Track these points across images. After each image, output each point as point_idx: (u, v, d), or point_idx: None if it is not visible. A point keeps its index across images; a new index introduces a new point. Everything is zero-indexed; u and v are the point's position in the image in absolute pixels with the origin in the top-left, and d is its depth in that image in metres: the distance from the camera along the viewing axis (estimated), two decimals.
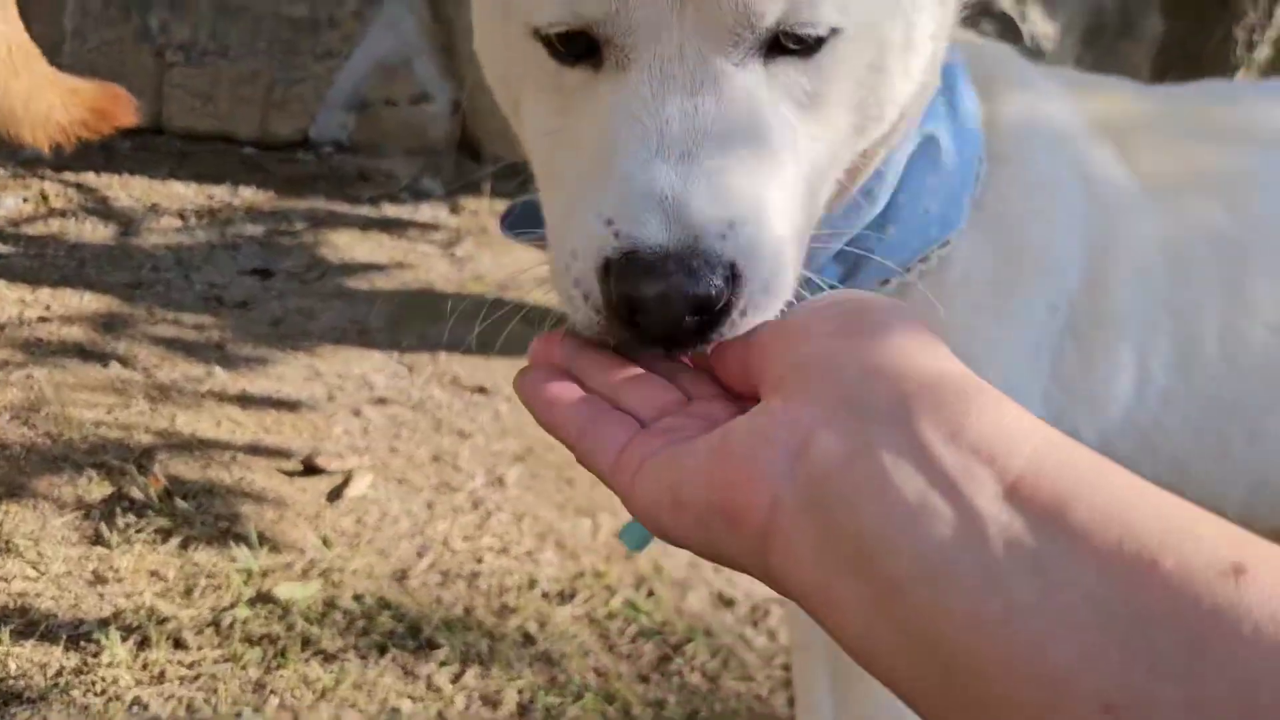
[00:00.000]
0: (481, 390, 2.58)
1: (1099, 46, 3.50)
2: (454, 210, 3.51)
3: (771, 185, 0.68)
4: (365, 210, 3.47)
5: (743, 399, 0.57)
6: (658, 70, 0.67)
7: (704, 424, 0.54)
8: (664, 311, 0.62)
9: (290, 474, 2.20)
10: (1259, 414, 1.09)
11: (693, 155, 0.65)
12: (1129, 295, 1.02)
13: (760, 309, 0.65)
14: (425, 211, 3.50)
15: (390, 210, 3.48)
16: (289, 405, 2.45)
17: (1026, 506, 0.41)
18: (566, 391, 0.61)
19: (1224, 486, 1.11)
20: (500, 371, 2.66)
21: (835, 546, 0.44)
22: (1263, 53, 2.55)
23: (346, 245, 3.24)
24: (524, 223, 0.93)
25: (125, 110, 1.86)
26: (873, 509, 0.43)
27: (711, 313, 0.63)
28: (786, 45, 0.69)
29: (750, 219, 0.65)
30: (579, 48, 0.70)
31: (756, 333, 0.57)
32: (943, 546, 0.41)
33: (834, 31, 0.70)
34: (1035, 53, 3.44)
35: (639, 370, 0.62)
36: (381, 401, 2.50)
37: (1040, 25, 3.44)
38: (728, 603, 1.97)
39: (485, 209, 3.51)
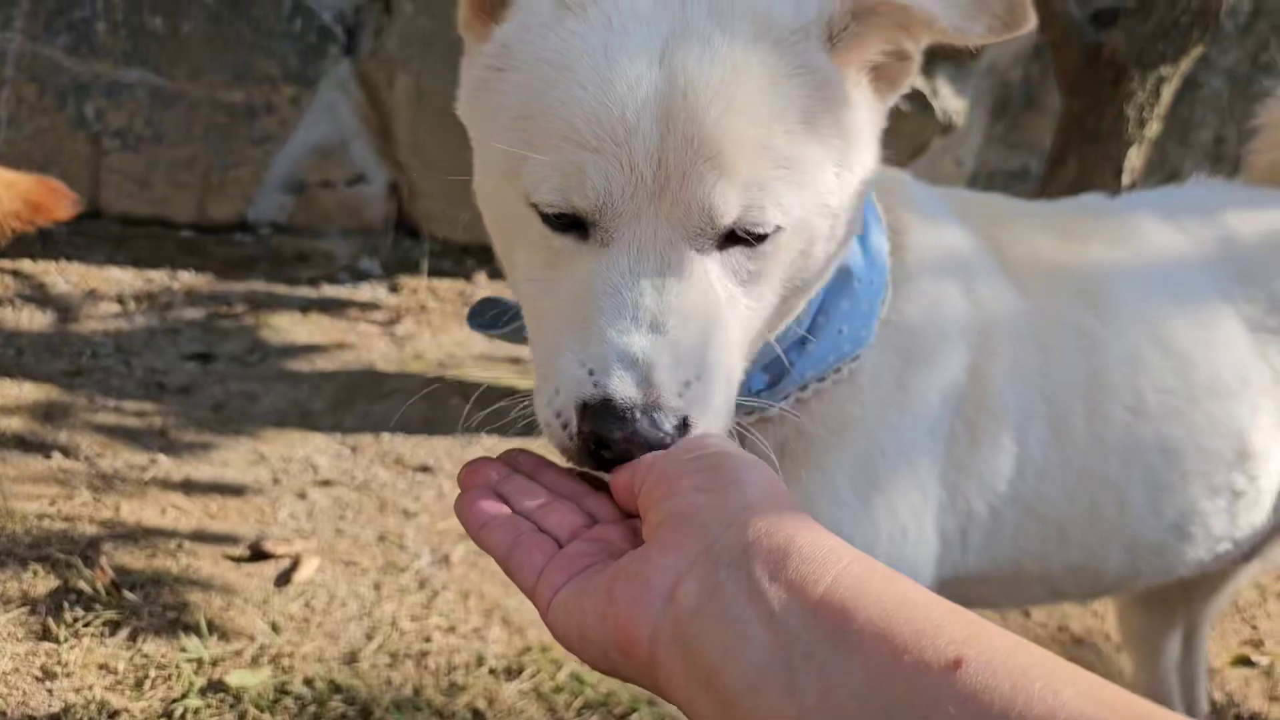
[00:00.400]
0: (425, 469, 2.63)
1: (1005, 120, 3.70)
2: (393, 289, 3.57)
3: (718, 348, 0.83)
4: (305, 291, 3.51)
5: (631, 516, 0.74)
6: (635, 250, 0.82)
7: (604, 549, 0.70)
8: (627, 450, 0.76)
9: (237, 560, 2.23)
10: (1125, 486, 1.24)
11: (660, 326, 0.80)
12: (1007, 385, 1.18)
13: (702, 426, 0.81)
14: (365, 291, 3.56)
15: (330, 291, 3.54)
16: (234, 490, 2.47)
17: (822, 621, 0.55)
18: (495, 509, 0.75)
19: (1102, 549, 1.24)
20: (443, 449, 2.72)
21: (695, 669, 0.58)
22: (1153, 128, 2.74)
23: (287, 327, 3.28)
24: (489, 318, 1.10)
25: (62, 203, 1.91)
26: (716, 640, 0.57)
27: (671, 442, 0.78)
28: (739, 236, 0.84)
29: (702, 378, 0.81)
30: (567, 222, 0.84)
31: (640, 466, 0.72)
32: (759, 665, 0.56)
33: (776, 229, 0.84)
34: (947, 126, 3.62)
35: (553, 497, 0.77)
36: (326, 483, 2.54)
37: (950, 101, 3.63)
38: None
39: (424, 288, 3.58)
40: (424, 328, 3.36)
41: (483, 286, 3.60)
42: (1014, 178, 3.72)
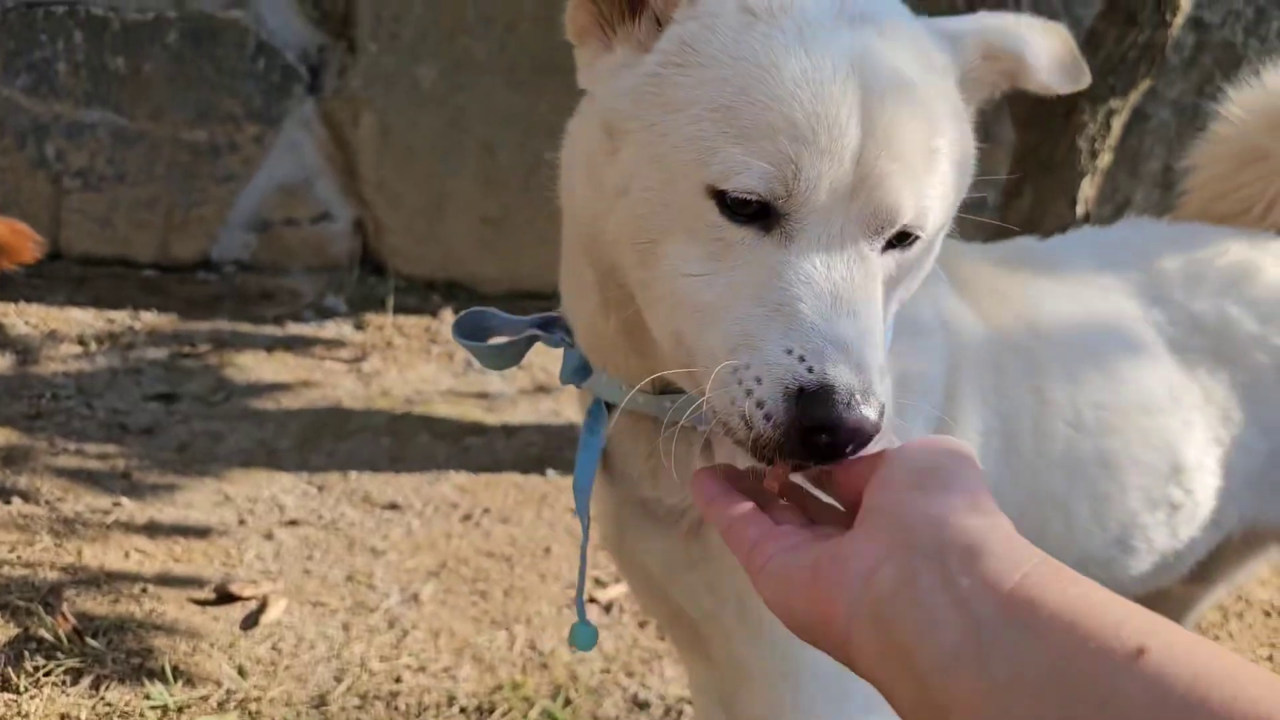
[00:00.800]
0: (393, 506, 2.62)
1: None
2: (359, 326, 3.56)
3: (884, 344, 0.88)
4: (270, 329, 3.50)
5: (851, 506, 0.78)
6: (824, 243, 0.86)
7: (815, 534, 0.75)
8: (850, 438, 0.78)
9: (203, 603, 2.21)
10: (1069, 500, 1.32)
11: (857, 313, 0.83)
12: (971, 405, 1.24)
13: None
14: (330, 329, 3.55)
15: (295, 329, 3.52)
16: (199, 532, 2.45)
17: (1011, 611, 0.60)
18: (725, 488, 0.81)
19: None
20: (410, 486, 2.71)
21: (889, 648, 0.64)
22: (1105, 159, 2.80)
23: (252, 366, 3.27)
24: (471, 331, 1.10)
25: (26, 245, 1.90)
26: (910, 622, 0.63)
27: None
28: (895, 240, 0.89)
29: (885, 370, 0.85)
30: (751, 212, 0.86)
31: (863, 462, 0.77)
32: (951, 645, 0.61)
33: (918, 238, 0.90)
34: None
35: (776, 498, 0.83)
36: (293, 523, 2.52)
37: None
38: (642, 705, 2.03)
39: (390, 324, 3.58)
40: (390, 364, 3.35)
41: (448, 323, 3.60)
42: (972, 208, 3.77)
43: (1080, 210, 2.79)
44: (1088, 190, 2.78)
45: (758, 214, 0.86)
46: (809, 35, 0.88)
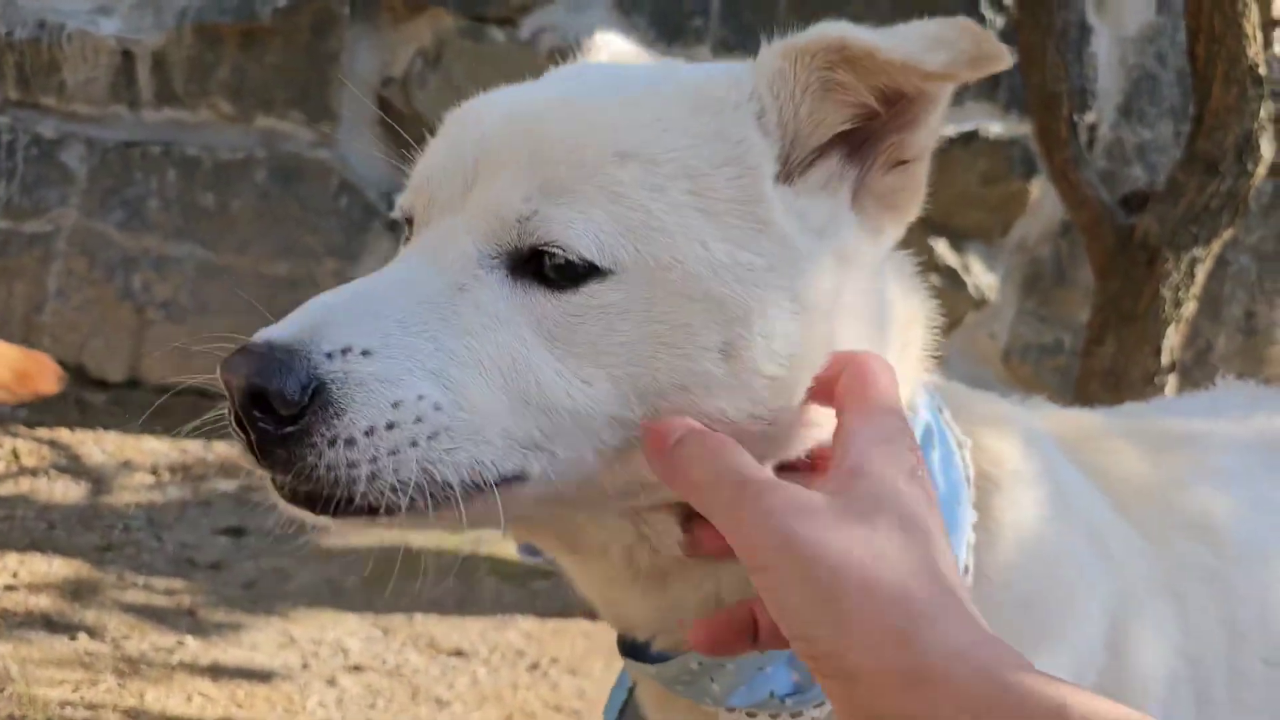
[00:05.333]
0: (459, 653, 2.56)
1: (1037, 294, 3.73)
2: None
3: (469, 365, 0.71)
4: None
5: None
6: (421, 245, 0.77)
7: None
8: (234, 390, 0.69)
9: None
10: None
11: (373, 302, 0.73)
12: (1150, 651, 0.98)
13: (380, 463, 0.68)
14: None
15: None
16: (262, 676, 2.41)
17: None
18: None
19: None
20: (476, 631, 2.65)
21: None
22: (1189, 308, 2.75)
23: None
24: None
25: (48, 376, 1.92)
26: None
27: (273, 415, 0.68)
28: (540, 269, 0.74)
29: (378, 356, 0.69)
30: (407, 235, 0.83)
31: None
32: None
33: (590, 267, 0.73)
34: (980, 301, 3.65)
35: None
36: (357, 669, 2.47)
37: (982, 277, 3.68)
38: None
39: None
40: None
41: None
42: (1047, 351, 3.72)
43: (1166, 360, 2.72)
44: (1173, 339, 2.72)
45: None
46: (548, 79, 0.87)
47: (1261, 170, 2.67)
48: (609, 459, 0.74)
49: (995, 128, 3.55)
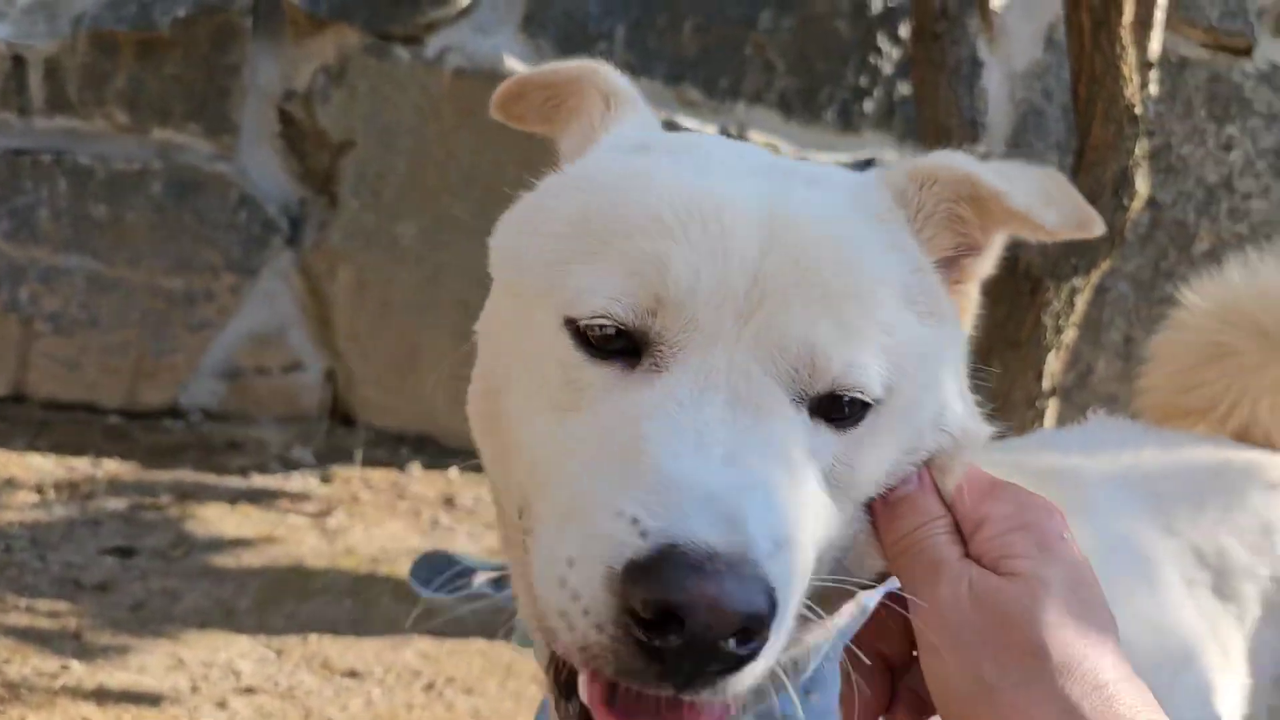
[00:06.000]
0: (353, 674, 2.54)
1: None
2: (325, 480, 3.52)
3: (800, 524, 0.62)
4: (234, 481, 3.44)
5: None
6: (703, 377, 0.63)
7: None
8: (712, 621, 0.52)
9: None
10: None
11: (738, 459, 0.59)
12: None
13: (767, 657, 0.57)
14: (296, 481, 3.50)
15: (260, 481, 3.47)
16: (150, 699, 2.35)
17: None
18: None
19: None
20: (371, 651, 2.63)
21: None
22: (1069, 334, 2.87)
23: (214, 519, 3.20)
24: (437, 580, 0.93)
25: None
26: None
27: (756, 639, 0.55)
28: (829, 407, 0.68)
29: (795, 544, 0.60)
30: (615, 348, 0.65)
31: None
32: None
33: (875, 403, 0.70)
34: None
35: None
36: (248, 691, 2.43)
37: None
38: None
39: (357, 478, 3.53)
40: (356, 520, 3.30)
41: (416, 477, 3.57)
42: None
43: (1047, 384, 2.85)
44: (1054, 365, 2.84)
45: (625, 350, 0.66)
46: (702, 163, 0.74)
47: (1137, 204, 2.81)
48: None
49: (891, 156, 3.66)
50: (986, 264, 0.87)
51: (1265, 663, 1.28)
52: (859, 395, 0.69)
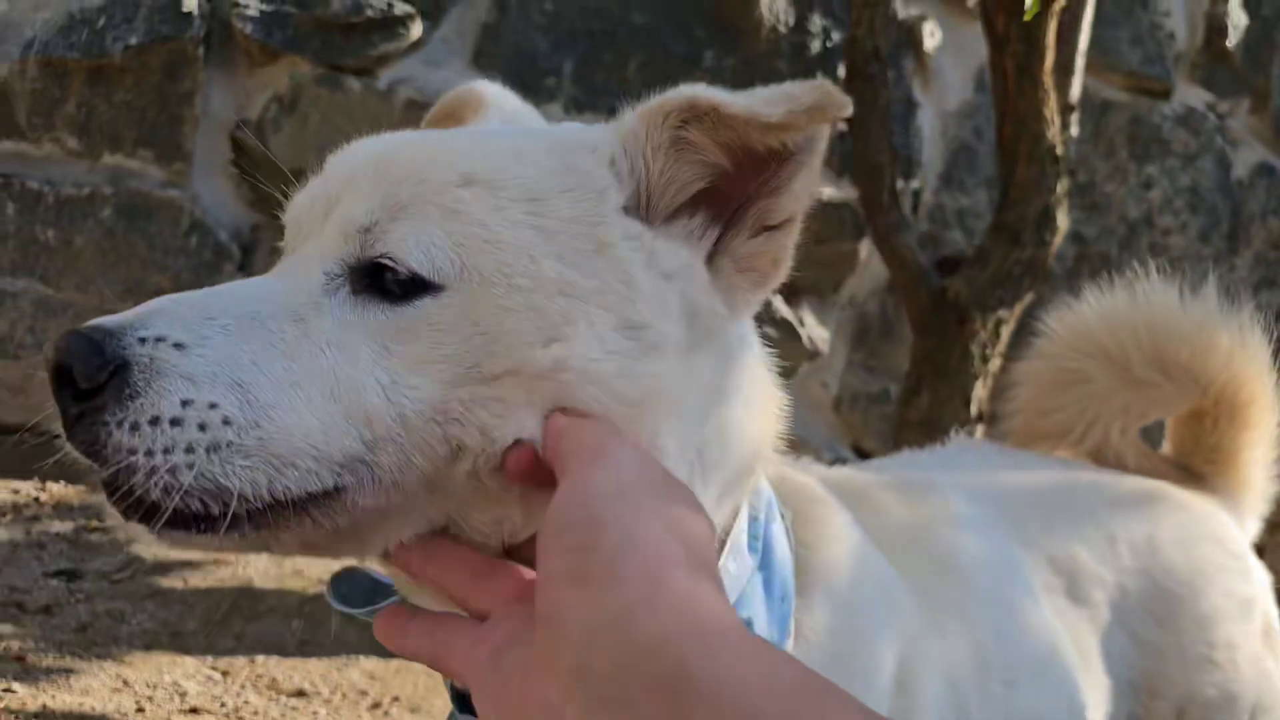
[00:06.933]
0: (300, 694, 2.57)
1: (865, 347, 3.98)
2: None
3: (278, 373, 0.75)
4: None
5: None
6: (284, 265, 0.85)
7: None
8: (49, 363, 0.72)
9: None
10: None
11: (210, 311, 0.77)
12: (926, 682, 1.07)
13: (156, 459, 0.71)
14: None
15: None
16: (94, 719, 2.38)
17: None
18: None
19: None
20: (319, 672, 2.67)
21: None
22: (995, 364, 2.99)
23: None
24: (350, 589, 0.97)
25: None
26: None
27: (75, 390, 0.72)
28: (379, 282, 0.80)
29: (194, 354, 0.73)
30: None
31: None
32: None
33: (422, 282, 0.78)
34: (813, 353, 3.88)
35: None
36: (194, 711, 2.46)
37: (815, 329, 3.90)
38: None
39: None
40: None
41: None
42: (875, 400, 3.97)
43: (975, 410, 2.97)
44: (980, 392, 2.97)
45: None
46: (433, 133, 0.93)
47: (1058, 240, 2.96)
48: (438, 460, 0.77)
49: (828, 191, 3.79)
50: (786, 202, 0.84)
51: (1118, 665, 1.36)
52: (391, 265, 0.77)
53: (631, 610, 0.52)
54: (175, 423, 0.73)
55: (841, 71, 3.71)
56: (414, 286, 0.77)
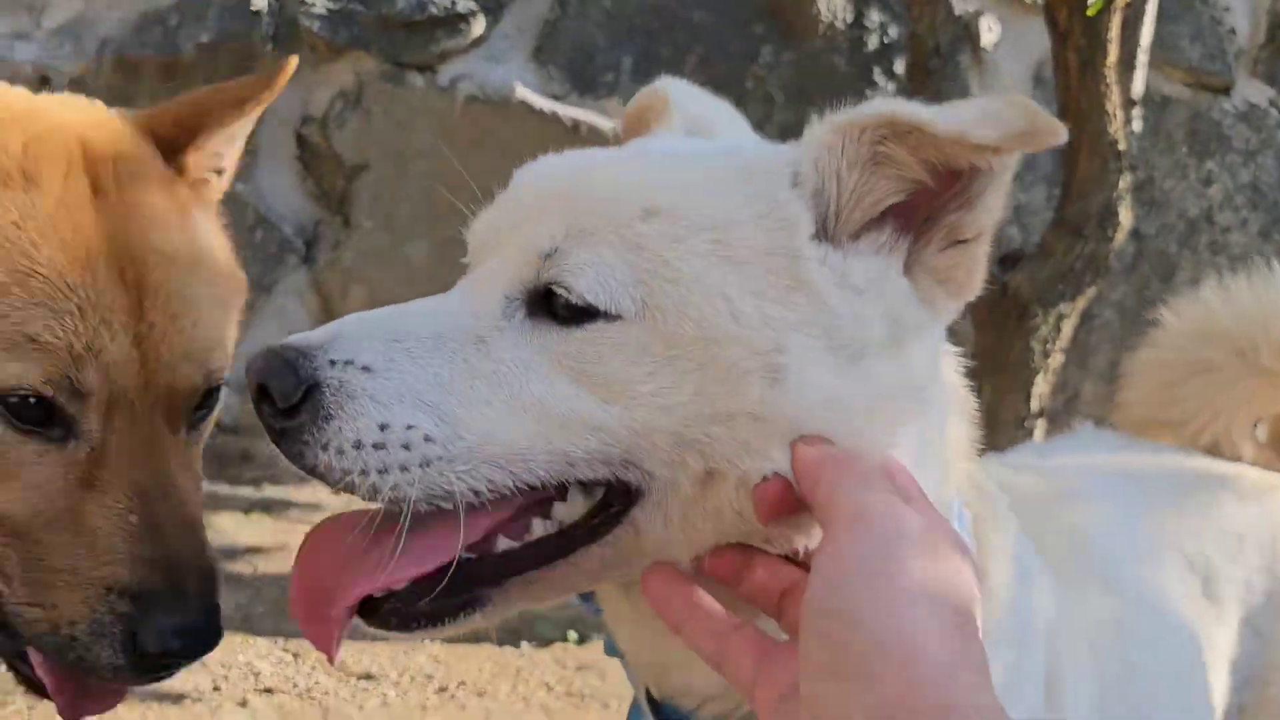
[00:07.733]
0: (368, 676, 2.63)
1: None
2: (336, 491, 3.61)
3: (464, 395, 0.77)
4: (248, 491, 3.54)
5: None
6: (465, 283, 0.86)
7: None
8: (250, 383, 0.75)
9: None
10: None
11: (395, 331, 0.78)
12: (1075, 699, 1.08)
13: (372, 479, 0.75)
14: (306, 492, 3.59)
15: (272, 491, 3.57)
16: (173, 698, 2.45)
17: None
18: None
19: None
20: (385, 655, 2.73)
21: None
22: (1056, 359, 2.99)
23: (230, 529, 3.29)
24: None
25: None
26: None
27: (274, 406, 0.75)
28: (552, 308, 0.80)
29: (382, 377, 0.76)
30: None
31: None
32: None
33: (594, 311, 0.79)
34: None
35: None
36: (268, 691, 2.52)
37: None
38: None
39: None
40: None
41: None
42: None
43: (1035, 406, 2.97)
44: (1041, 387, 2.97)
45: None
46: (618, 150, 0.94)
47: (1121, 235, 2.95)
48: (694, 479, 0.77)
49: None
50: (978, 216, 0.82)
51: (1240, 663, 1.38)
52: (563, 292, 0.78)
53: (888, 711, 0.54)
54: (378, 446, 0.76)
55: (900, 67, 3.72)
56: (585, 314, 0.78)
